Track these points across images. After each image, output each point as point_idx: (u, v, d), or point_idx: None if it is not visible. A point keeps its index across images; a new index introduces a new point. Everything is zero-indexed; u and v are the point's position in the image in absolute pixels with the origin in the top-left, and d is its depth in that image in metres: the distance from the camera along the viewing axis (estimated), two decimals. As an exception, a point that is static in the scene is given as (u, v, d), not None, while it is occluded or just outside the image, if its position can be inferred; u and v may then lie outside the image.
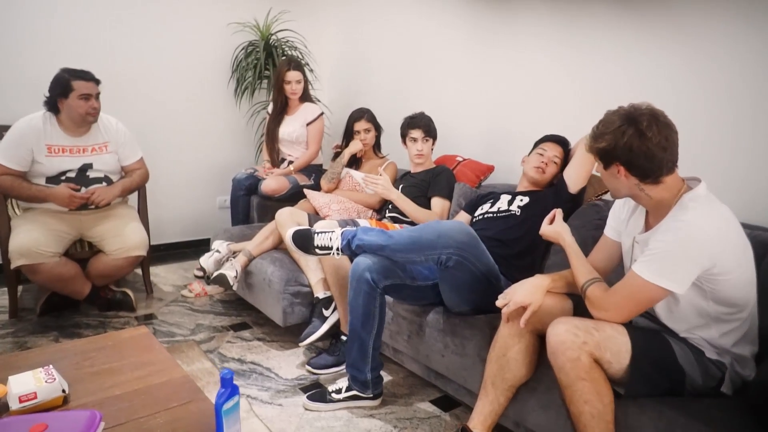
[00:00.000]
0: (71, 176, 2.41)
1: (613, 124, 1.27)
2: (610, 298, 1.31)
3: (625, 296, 1.29)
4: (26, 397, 1.10)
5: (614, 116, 1.29)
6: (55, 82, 2.32)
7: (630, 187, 1.32)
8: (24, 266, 2.23)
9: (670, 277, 1.21)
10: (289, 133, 3.08)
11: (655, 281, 1.22)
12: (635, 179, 1.29)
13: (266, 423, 1.73)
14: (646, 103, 1.29)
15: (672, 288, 1.21)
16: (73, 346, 1.48)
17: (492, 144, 2.78)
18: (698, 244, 1.20)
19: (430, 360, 1.84)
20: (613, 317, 1.31)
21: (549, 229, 1.62)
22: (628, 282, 1.29)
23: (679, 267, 1.21)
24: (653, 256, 1.24)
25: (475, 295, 1.75)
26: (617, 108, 1.32)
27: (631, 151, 1.25)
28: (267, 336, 2.39)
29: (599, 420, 1.23)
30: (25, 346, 2.20)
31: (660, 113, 1.27)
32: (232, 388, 1.03)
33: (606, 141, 1.28)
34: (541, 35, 2.46)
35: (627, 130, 1.25)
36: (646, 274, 1.23)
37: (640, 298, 1.27)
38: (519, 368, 1.49)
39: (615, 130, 1.27)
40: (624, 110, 1.29)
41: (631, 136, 1.24)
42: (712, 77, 1.89)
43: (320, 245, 1.82)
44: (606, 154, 1.30)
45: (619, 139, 1.25)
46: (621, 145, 1.25)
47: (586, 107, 2.30)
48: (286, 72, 2.98)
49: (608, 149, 1.28)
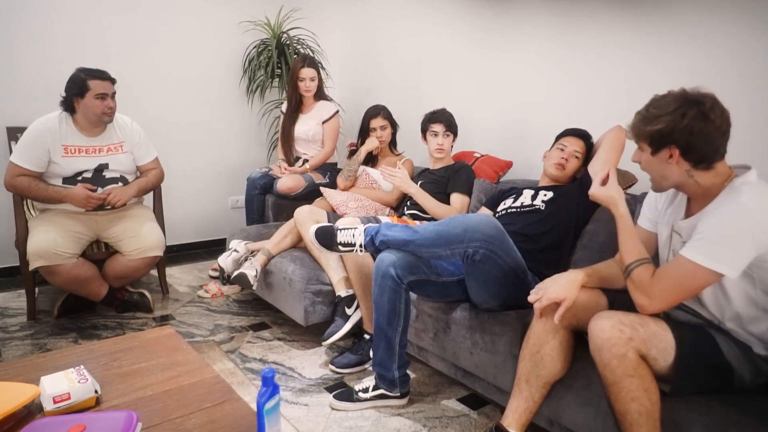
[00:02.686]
0: (87, 176, 2.39)
1: (670, 105, 1.22)
2: (657, 283, 1.24)
3: (674, 283, 1.22)
4: (60, 398, 1.07)
5: (669, 98, 1.24)
6: (72, 82, 2.30)
7: (680, 174, 1.27)
8: (42, 268, 2.21)
9: (724, 260, 1.15)
10: (305, 132, 3.05)
11: (708, 265, 1.16)
12: (688, 164, 1.24)
13: (293, 423, 1.70)
14: (701, 86, 1.25)
15: (726, 272, 1.15)
16: (100, 346, 1.45)
17: (509, 139, 2.74)
18: (755, 225, 1.15)
19: (457, 358, 1.81)
20: (656, 305, 1.25)
21: (601, 191, 1.42)
22: (676, 267, 1.22)
23: (735, 249, 1.15)
24: (705, 239, 1.18)
25: (504, 289, 1.72)
26: (666, 92, 1.27)
27: (691, 134, 1.20)
28: (287, 336, 2.36)
29: (647, 418, 1.19)
30: (44, 347, 2.18)
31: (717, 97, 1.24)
32: (274, 387, 1.00)
33: (663, 123, 1.22)
34: (556, 31, 2.43)
35: (688, 111, 1.20)
36: (698, 257, 1.17)
37: (690, 285, 1.21)
38: (554, 365, 1.45)
39: (673, 111, 1.21)
40: (678, 93, 1.25)
41: (693, 118, 1.19)
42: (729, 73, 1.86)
43: (343, 242, 1.79)
44: (661, 137, 1.24)
45: (678, 121, 1.20)
46: (681, 127, 1.20)
47: (603, 101, 2.27)
48: (300, 69, 2.96)
49: (665, 132, 1.22)
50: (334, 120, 3.05)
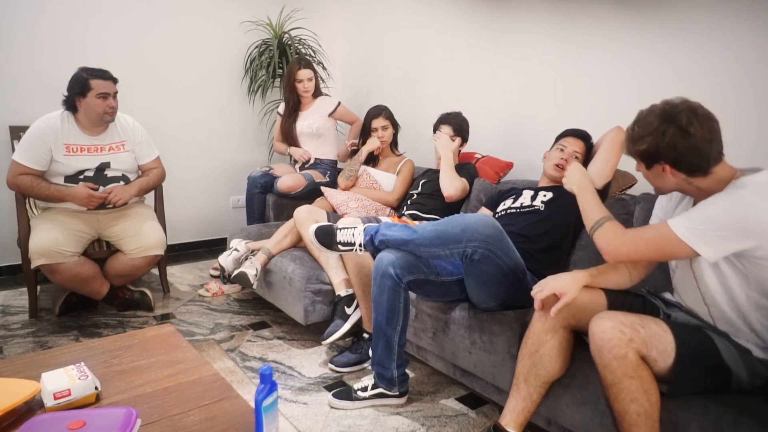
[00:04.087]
0: (89, 175, 2.40)
1: (651, 125, 1.25)
2: (629, 234, 1.31)
3: (648, 240, 1.28)
4: (61, 394, 1.08)
5: (650, 117, 1.26)
6: (74, 81, 2.31)
7: (677, 183, 1.29)
8: (44, 266, 2.22)
9: (704, 240, 1.19)
10: (308, 126, 3.08)
11: (689, 241, 1.20)
12: (683, 174, 1.26)
13: (292, 422, 1.71)
14: (680, 98, 1.26)
15: (704, 253, 1.19)
16: (100, 344, 1.46)
17: (510, 141, 2.75)
18: (746, 216, 1.15)
19: (456, 357, 1.82)
20: (623, 254, 1.32)
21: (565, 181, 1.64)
22: (656, 230, 1.27)
23: (718, 233, 1.18)
24: (694, 217, 1.21)
25: (502, 289, 1.72)
26: (650, 107, 1.29)
27: (675, 150, 1.22)
28: (287, 335, 2.37)
29: (646, 419, 1.19)
30: (46, 345, 2.20)
31: (697, 105, 1.24)
32: (271, 384, 1.01)
33: (647, 143, 1.25)
34: (556, 32, 2.43)
35: (667, 129, 1.22)
36: (681, 231, 1.21)
37: (663, 249, 1.26)
38: (553, 364, 1.46)
39: (654, 131, 1.24)
40: (659, 108, 1.26)
41: (673, 135, 1.21)
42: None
43: (343, 241, 1.80)
44: (649, 156, 1.28)
45: (660, 140, 1.23)
46: (663, 145, 1.23)
47: (605, 101, 2.28)
48: (297, 71, 3.00)
49: (650, 151, 1.26)
50: (341, 107, 3.15)
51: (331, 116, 3.12)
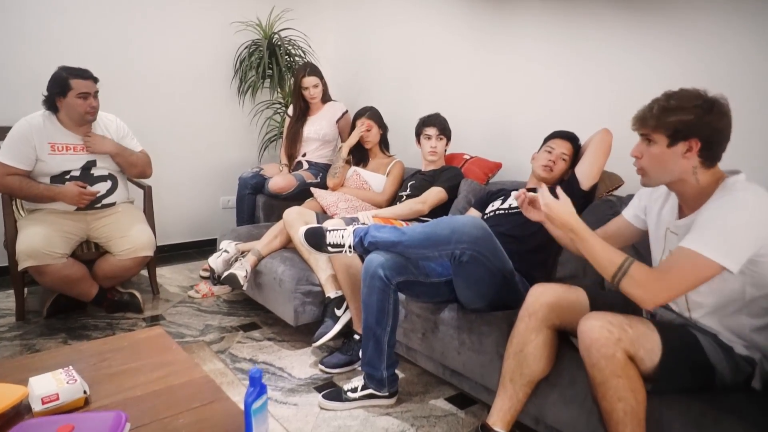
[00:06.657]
0: (75, 175, 2.39)
1: (693, 99, 1.21)
2: (664, 278, 1.19)
3: (682, 276, 1.17)
4: (49, 399, 1.08)
5: (690, 93, 1.23)
6: (53, 81, 2.29)
7: (685, 170, 1.25)
8: (31, 268, 2.20)
9: (729, 253, 1.14)
10: (316, 131, 3.09)
11: (716, 258, 1.14)
12: (699, 160, 1.23)
13: (282, 423, 1.72)
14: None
15: (729, 266, 1.14)
16: (89, 347, 1.46)
17: (498, 141, 2.77)
18: (756, 221, 1.15)
19: (445, 357, 1.84)
20: (663, 300, 1.21)
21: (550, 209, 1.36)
22: (681, 260, 1.18)
23: (738, 243, 1.14)
24: (709, 231, 1.17)
25: (491, 290, 1.74)
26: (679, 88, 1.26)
27: (712, 128, 1.20)
28: (277, 336, 2.38)
29: (632, 417, 1.21)
30: (33, 348, 2.18)
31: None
32: (261, 387, 1.02)
33: (691, 114, 1.19)
34: (544, 34, 2.46)
35: (713, 107, 1.20)
36: (706, 250, 1.15)
37: (699, 278, 1.17)
38: (537, 363, 1.48)
39: (699, 105, 1.19)
40: (695, 90, 1.24)
41: (717, 114, 1.19)
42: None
43: (332, 243, 1.81)
44: (685, 129, 1.21)
45: (702, 115, 1.19)
46: (706, 120, 1.19)
47: (592, 103, 2.30)
48: (302, 78, 3.02)
49: (689, 123, 1.20)
50: (346, 116, 3.14)
51: (338, 123, 3.13)
